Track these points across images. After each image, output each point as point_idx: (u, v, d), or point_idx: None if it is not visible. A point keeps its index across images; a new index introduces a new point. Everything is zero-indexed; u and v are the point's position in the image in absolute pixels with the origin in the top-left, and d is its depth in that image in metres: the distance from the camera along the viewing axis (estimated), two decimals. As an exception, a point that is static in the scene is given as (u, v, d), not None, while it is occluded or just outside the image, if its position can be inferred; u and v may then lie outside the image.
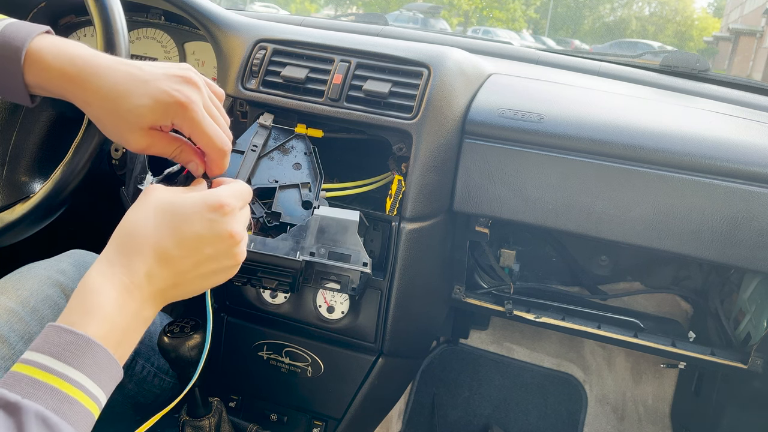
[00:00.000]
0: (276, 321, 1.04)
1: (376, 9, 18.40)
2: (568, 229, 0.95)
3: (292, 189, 0.84)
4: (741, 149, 0.90)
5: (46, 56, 0.60)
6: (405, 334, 1.04)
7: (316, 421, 1.06)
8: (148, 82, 0.61)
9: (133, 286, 0.54)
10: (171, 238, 0.56)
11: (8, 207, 0.75)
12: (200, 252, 0.57)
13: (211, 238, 0.57)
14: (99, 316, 0.51)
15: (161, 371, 0.97)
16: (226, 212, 0.58)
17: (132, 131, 0.62)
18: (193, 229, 0.56)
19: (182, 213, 0.57)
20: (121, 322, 0.52)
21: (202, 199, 0.58)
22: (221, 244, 0.58)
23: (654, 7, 22.28)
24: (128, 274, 0.54)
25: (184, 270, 0.57)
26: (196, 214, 0.57)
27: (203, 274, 0.58)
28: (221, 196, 0.59)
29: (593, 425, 1.55)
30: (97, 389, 0.49)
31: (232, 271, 0.61)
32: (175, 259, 0.56)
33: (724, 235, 0.89)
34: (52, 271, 0.79)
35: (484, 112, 0.98)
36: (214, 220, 0.57)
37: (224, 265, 0.59)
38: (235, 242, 0.59)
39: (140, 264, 0.54)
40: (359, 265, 0.78)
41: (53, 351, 0.48)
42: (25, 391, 0.45)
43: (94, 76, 0.60)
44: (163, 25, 1.24)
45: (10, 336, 0.69)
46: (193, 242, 0.56)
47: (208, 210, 0.57)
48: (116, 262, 0.54)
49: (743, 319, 1.14)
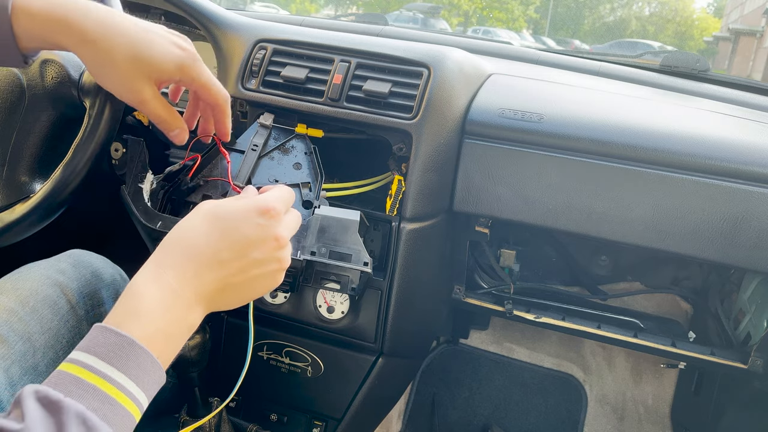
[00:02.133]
0: (276, 321, 1.03)
1: (376, 9, 18.41)
2: (568, 229, 0.95)
3: (293, 189, 0.84)
4: (741, 149, 0.90)
5: (34, 3, 0.60)
6: (405, 334, 1.04)
7: (316, 421, 1.06)
8: (162, 36, 0.65)
9: (181, 289, 0.54)
10: (220, 241, 0.56)
11: (8, 207, 0.75)
12: (248, 255, 0.57)
13: (258, 241, 0.58)
14: (144, 318, 0.51)
15: None
16: (272, 215, 0.59)
17: (140, 80, 0.63)
18: (242, 233, 0.57)
19: (231, 218, 0.58)
20: (166, 326, 0.52)
21: (252, 203, 0.59)
22: (267, 248, 0.58)
23: (654, 7, 22.29)
24: (176, 278, 0.54)
25: (232, 274, 0.57)
26: (246, 218, 0.58)
27: (250, 279, 0.58)
28: (269, 201, 0.60)
29: (593, 425, 1.55)
30: (139, 392, 0.49)
31: (278, 276, 0.61)
32: (223, 262, 0.56)
33: (724, 235, 0.89)
34: (52, 271, 0.78)
35: (484, 112, 0.98)
36: (261, 224, 0.58)
37: (270, 269, 0.60)
38: (280, 246, 0.59)
39: (188, 267, 0.54)
40: (360, 265, 0.78)
41: (98, 351, 0.48)
42: (68, 389, 0.45)
43: (98, 22, 0.61)
44: (164, 24, 1.24)
45: (9, 336, 0.69)
46: (242, 246, 0.57)
47: (257, 214, 0.58)
48: (165, 265, 0.54)
49: (743, 319, 1.14)
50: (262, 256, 0.58)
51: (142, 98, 0.64)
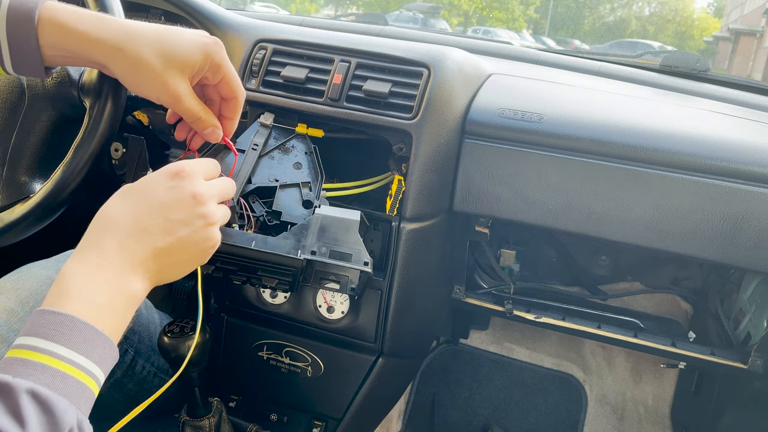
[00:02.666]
0: (276, 321, 1.04)
1: (376, 9, 18.40)
2: (568, 230, 0.95)
3: (293, 188, 0.84)
4: (741, 149, 0.90)
5: (60, 15, 0.61)
6: (405, 334, 1.04)
7: (316, 421, 1.06)
8: (184, 30, 0.67)
9: (107, 262, 0.55)
10: (137, 211, 0.57)
11: (8, 207, 0.75)
12: (168, 217, 0.58)
13: (174, 202, 0.58)
14: (75, 295, 0.52)
15: (161, 371, 0.97)
16: (183, 176, 0.60)
17: (173, 75, 0.64)
18: (155, 198, 0.58)
19: (143, 187, 0.59)
20: (100, 299, 0.53)
21: (161, 170, 0.60)
22: (186, 207, 0.59)
23: (654, 7, 22.29)
24: (100, 253, 0.55)
25: (158, 238, 0.57)
26: (157, 184, 0.59)
27: (181, 241, 0.59)
28: (179, 163, 0.61)
29: (593, 425, 1.55)
30: (90, 364, 0.50)
31: (209, 234, 0.61)
32: (146, 229, 0.57)
33: (724, 235, 0.89)
34: (52, 271, 0.78)
35: (484, 112, 0.98)
36: (174, 186, 0.59)
37: (197, 227, 0.60)
38: (198, 202, 0.59)
39: (111, 241, 0.56)
40: (360, 265, 0.78)
41: (39, 332, 0.49)
42: (17, 371, 0.46)
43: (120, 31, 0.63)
44: (163, 24, 1.24)
45: (9, 336, 0.69)
46: (158, 210, 0.58)
47: (167, 177, 0.59)
48: (88, 246, 0.56)
49: (743, 319, 1.14)
50: (183, 216, 0.59)
51: (178, 94, 0.65)
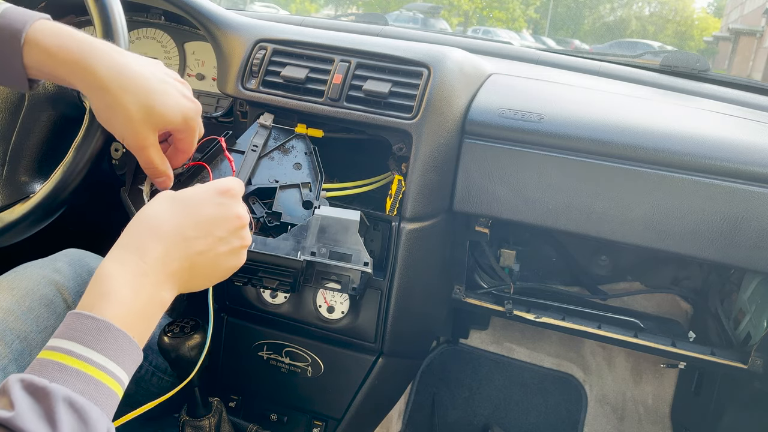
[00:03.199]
0: (276, 321, 1.03)
1: (376, 9, 18.39)
2: (568, 229, 0.95)
3: (293, 189, 0.84)
4: (741, 149, 0.90)
5: (47, 39, 0.61)
6: (405, 334, 1.04)
7: (316, 421, 1.06)
8: (174, 87, 0.67)
9: (148, 268, 0.55)
10: (184, 221, 0.59)
11: (8, 207, 0.75)
12: (212, 233, 0.60)
13: (221, 219, 0.61)
14: (114, 299, 0.52)
15: (159, 370, 0.97)
16: (232, 195, 0.63)
17: (147, 128, 0.65)
18: (205, 211, 0.60)
19: (193, 199, 0.61)
20: (137, 305, 0.53)
21: (212, 185, 0.63)
22: (230, 225, 0.61)
23: (654, 7, 22.28)
24: (142, 257, 0.55)
25: (199, 251, 0.59)
26: (207, 198, 0.61)
27: (216, 257, 0.61)
28: (229, 182, 0.64)
29: (593, 425, 1.55)
30: (120, 371, 0.51)
31: (241, 254, 0.64)
32: (189, 240, 0.58)
33: (724, 235, 0.89)
34: (48, 270, 0.78)
35: (484, 112, 0.98)
36: (223, 203, 0.62)
37: (234, 246, 0.62)
38: (242, 224, 0.63)
39: (154, 247, 0.56)
40: (360, 265, 0.78)
41: (76, 336, 0.49)
42: (52, 375, 0.46)
43: (114, 69, 0.62)
44: (163, 25, 1.24)
45: (6, 335, 0.69)
46: (206, 223, 0.60)
47: (218, 194, 0.62)
48: (130, 247, 0.56)
49: (743, 319, 1.14)
50: (225, 234, 0.61)
51: (145, 144, 0.66)
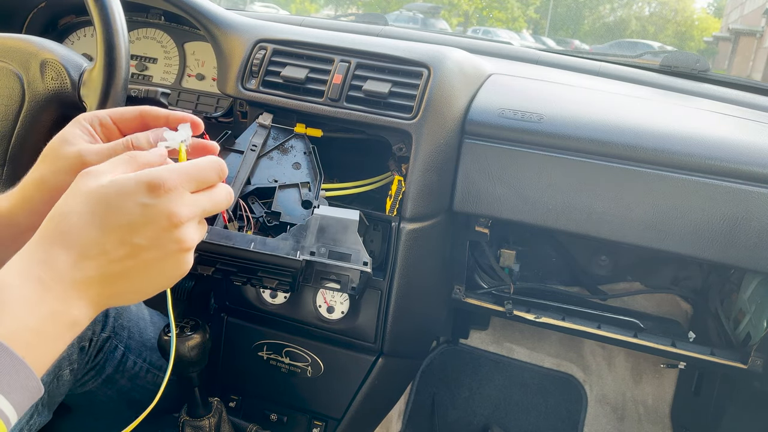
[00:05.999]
0: (276, 321, 1.03)
1: (376, 9, 18.40)
2: (568, 230, 0.95)
3: (292, 188, 0.85)
4: (741, 149, 0.90)
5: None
6: (405, 334, 1.04)
7: (316, 421, 1.06)
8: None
9: (52, 281, 0.45)
10: (98, 227, 0.47)
11: (8, 207, 0.75)
12: (131, 242, 0.48)
13: (143, 224, 0.48)
14: (3, 313, 0.43)
15: (154, 367, 0.96)
16: (161, 193, 0.48)
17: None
18: (123, 217, 0.48)
19: (114, 198, 0.48)
20: (33, 322, 0.43)
21: (140, 179, 0.49)
22: (158, 229, 0.48)
23: (654, 7, 22.28)
24: (45, 268, 0.45)
25: (117, 260, 0.48)
26: (128, 197, 0.48)
27: (146, 265, 0.49)
28: (159, 174, 0.49)
29: (593, 425, 1.55)
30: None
31: (181, 258, 0.51)
32: (104, 248, 0.47)
33: (724, 235, 0.89)
34: None
35: (484, 112, 0.98)
36: (148, 204, 0.48)
37: (169, 251, 0.50)
38: (173, 224, 0.49)
39: (62, 256, 0.46)
40: (360, 265, 0.78)
41: None
42: None
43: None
44: (163, 25, 1.24)
45: None
46: (123, 231, 0.48)
47: (144, 191, 0.48)
48: (34, 255, 0.46)
49: (743, 319, 1.14)
50: (148, 241, 0.48)
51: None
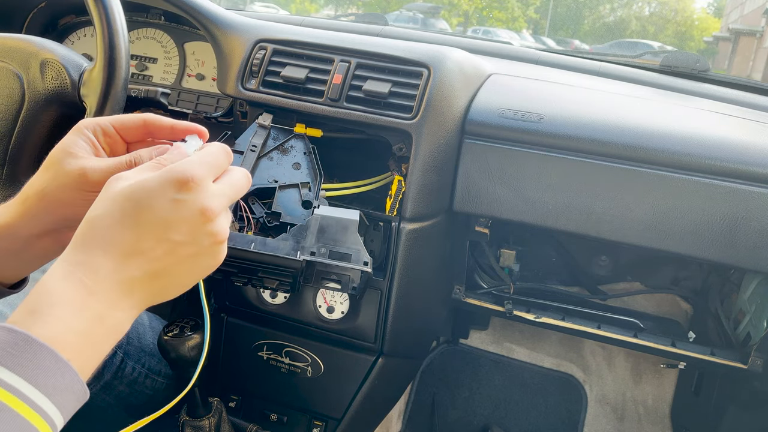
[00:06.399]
0: (276, 321, 1.03)
1: (376, 9, 18.40)
2: (568, 230, 0.95)
3: (292, 189, 0.85)
4: (741, 149, 0.90)
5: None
6: (405, 334, 1.04)
7: (316, 421, 1.06)
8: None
9: (95, 284, 0.46)
10: (137, 228, 0.48)
11: (8, 207, 0.75)
12: (169, 239, 0.49)
13: (178, 221, 0.49)
14: (49, 316, 0.43)
15: (153, 372, 0.96)
16: (191, 187, 0.49)
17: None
18: (157, 215, 0.48)
19: (145, 198, 0.48)
20: (78, 326, 0.44)
21: (167, 176, 0.49)
22: (193, 225, 0.49)
23: (654, 7, 22.28)
24: (87, 272, 0.46)
25: (157, 258, 0.49)
26: (159, 196, 0.48)
27: (183, 260, 0.50)
28: (186, 170, 0.49)
29: (593, 425, 1.55)
30: (39, 396, 0.40)
31: (216, 250, 0.53)
32: (144, 251, 0.48)
33: (724, 235, 0.89)
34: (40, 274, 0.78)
35: (484, 112, 0.98)
36: (179, 200, 0.48)
37: (203, 245, 0.51)
38: (207, 219, 0.50)
39: (103, 261, 0.47)
40: (360, 264, 0.78)
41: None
42: None
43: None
44: (163, 25, 1.24)
45: None
46: (160, 230, 0.48)
47: (174, 189, 0.49)
48: (75, 261, 0.47)
49: (743, 319, 1.14)
50: (185, 237, 0.49)
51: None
